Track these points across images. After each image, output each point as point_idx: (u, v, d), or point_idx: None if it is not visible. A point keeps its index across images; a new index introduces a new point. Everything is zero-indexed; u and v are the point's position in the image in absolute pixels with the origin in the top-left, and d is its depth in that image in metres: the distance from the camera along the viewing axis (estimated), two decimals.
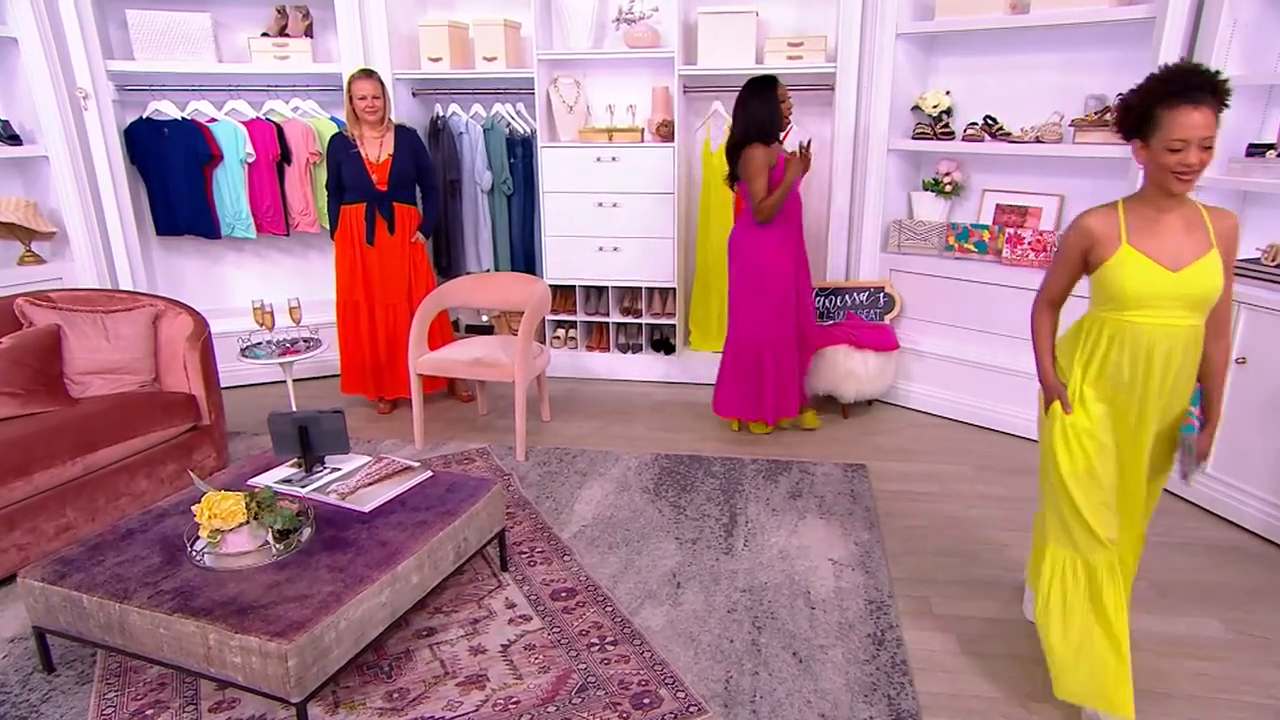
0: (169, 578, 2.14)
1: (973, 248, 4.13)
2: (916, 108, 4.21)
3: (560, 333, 4.98)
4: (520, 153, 4.79)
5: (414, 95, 4.89)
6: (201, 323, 3.44)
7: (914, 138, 4.17)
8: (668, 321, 4.79)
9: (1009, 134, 3.95)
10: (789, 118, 3.52)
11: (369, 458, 2.82)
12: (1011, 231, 3.98)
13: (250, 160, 4.51)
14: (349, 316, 4.18)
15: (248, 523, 2.21)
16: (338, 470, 2.71)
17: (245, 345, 3.80)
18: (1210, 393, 2.07)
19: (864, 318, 4.30)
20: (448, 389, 4.59)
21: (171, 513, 2.48)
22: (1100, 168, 3.72)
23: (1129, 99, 1.91)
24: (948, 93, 4.16)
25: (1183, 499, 3.29)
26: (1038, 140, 3.81)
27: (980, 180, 4.24)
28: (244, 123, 4.50)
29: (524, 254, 4.96)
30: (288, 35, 4.58)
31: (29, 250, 4.14)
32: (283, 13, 4.60)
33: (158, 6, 4.37)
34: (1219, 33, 3.07)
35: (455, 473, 2.80)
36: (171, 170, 4.46)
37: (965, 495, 3.39)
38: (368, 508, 2.47)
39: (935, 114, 4.14)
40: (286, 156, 4.60)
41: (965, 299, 4.08)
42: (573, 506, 3.29)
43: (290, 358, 3.74)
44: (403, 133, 4.04)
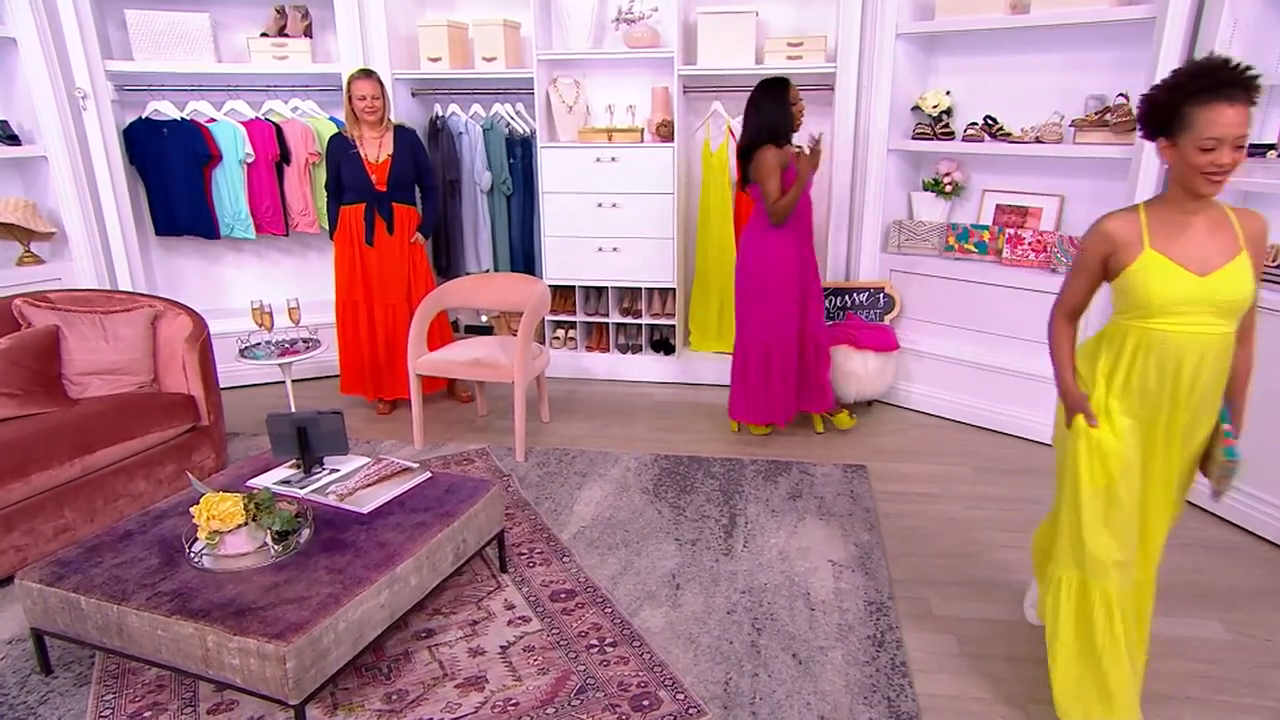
0: (167, 579, 2.14)
1: (973, 248, 4.12)
2: (916, 108, 4.21)
3: (560, 333, 4.98)
4: (520, 153, 4.79)
5: (413, 95, 4.89)
6: (200, 323, 3.44)
7: (914, 138, 4.17)
8: (667, 322, 4.78)
9: (1009, 134, 3.95)
10: (800, 119, 3.54)
11: (368, 459, 2.81)
12: (1012, 232, 3.97)
13: (249, 160, 4.50)
14: (348, 317, 4.18)
15: (246, 524, 2.21)
16: (336, 471, 2.70)
17: (244, 346, 3.80)
18: (1236, 404, 1.98)
19: (864, 318, 4.30)
20: (447, 390, 4.58)
21: (170, 514, 2.47)
22: (1100, 168, 3.71)
23: (1156, 95, 1.78)
24: (948, 93, 4.16)
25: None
26: (1038, 140, 3.81)
27: (980, 180, 4.23)
28: (243, 123, 4.49)
29: (523, 254, 4.96)
30: (287, 35, 4.57)
31: (28, 251, 4.14)
32: (282, 13, 4.60)
33: (157, 6, 4.36)
34: (1219, 33, 3.06)
35: (454, 474, 2.79)
36: (171, 170, 4.46)
37: (965, 496, 3.39)
38: (366, 509, 2.47)
39: (935, 114, 4.13)
40: (286, 157, 4.60)
41: (965, 299, 4.08)
42: (572, 507, 3.29)
43: (289, 358, 3.74)
44: (402, 133, 4.04)
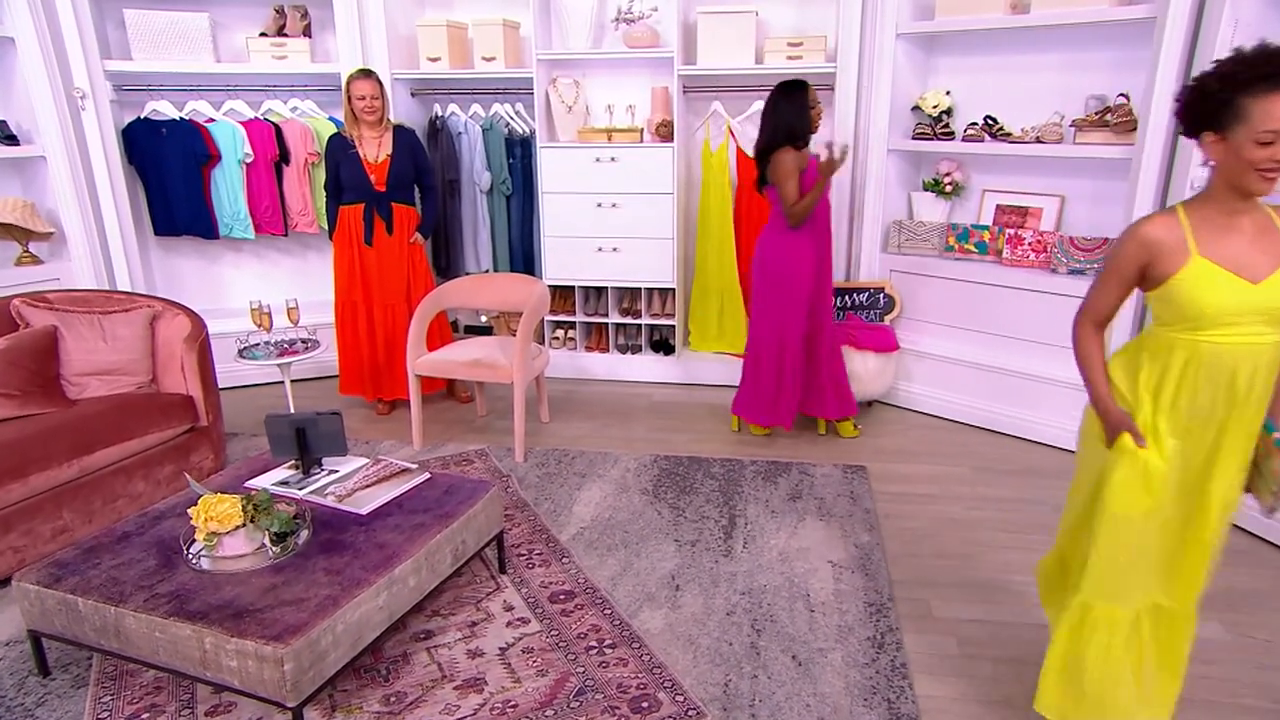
0: (165, 581, 2.13)
1: (973, 248, 4.12)
2: (916, 108, 4.20)
3: (559, 333, 4.97)
4: (519, 153, 4.78)
5: (413, 95, 4.88)
6: (199, 324, 3.43)
7: (914, 138, 4.16)
8: (667, 322, 4.78)
9: (1009, 134, 3.94)
10: (818, 123, 3.55)
11: (367, 459, 2.81)
12: (1012, 232, 3.97)
13: (248, 160, 4.50)
14: (347, 317, 4.17)
15: (244, 525, 2.20)
16: (335, 472, 2.70)
17: (243, 346, 3.79)
18: (1277, 414, 1.85)
19: (864, 318, 4.29)
20: (446, 390, 4.58)
21: (168, 515, 2.47)
22: (1100, 168, 3.71)
23: (1205, 84, 1.64)
24: (948, 93, 4.16)
25: None
26: (1038, 140, 3.80)
27: (980, 180, 4.23)
28: (242, 123, 4.48)
29: (523, 254, 4.95)
30: (286, 35, 4.57)
31: (26, 251, 4.13)
32: (281, 12, 4.59)
33: (156, 6, 4.36)
34: (1220, 32, 3.05)
35: (453, 474, 2.79)
36: (169, 170, 4.45)
37: (965, 497, 3.38)
38: (365, 510, 2.46)
39: (935, 114, 4.13)
40: (285, 157, 4.59)
41: (965, 300, 4.07)
42: (571, 508, 3.28)
43: (288, 359, 3.73)
44: (401, 133, 4.03)
